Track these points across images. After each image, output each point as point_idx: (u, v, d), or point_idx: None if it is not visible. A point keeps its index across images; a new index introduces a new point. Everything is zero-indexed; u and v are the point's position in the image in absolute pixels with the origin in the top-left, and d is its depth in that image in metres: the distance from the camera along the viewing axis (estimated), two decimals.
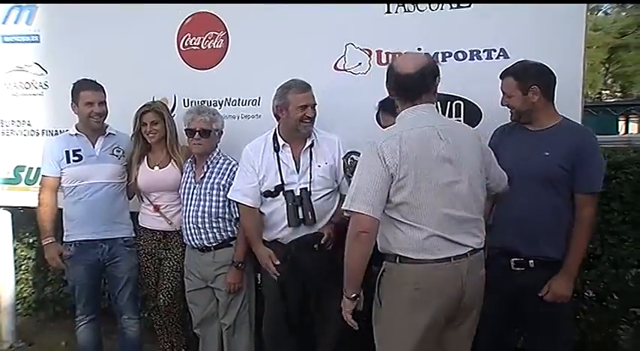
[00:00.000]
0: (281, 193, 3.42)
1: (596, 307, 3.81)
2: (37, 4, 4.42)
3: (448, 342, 2.71)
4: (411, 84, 2.65)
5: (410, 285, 2.58)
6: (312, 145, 3.45)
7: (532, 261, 2.96)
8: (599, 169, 2.92)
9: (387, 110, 3.25)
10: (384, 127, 3.20)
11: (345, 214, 2.56)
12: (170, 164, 3.81)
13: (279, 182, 3.43)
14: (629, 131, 14.27)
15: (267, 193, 3.45)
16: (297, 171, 3.43)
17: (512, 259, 3.00)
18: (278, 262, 3.40)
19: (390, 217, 2.57)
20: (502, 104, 3.06)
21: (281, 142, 3.46)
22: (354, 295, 2.66)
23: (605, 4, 44.23)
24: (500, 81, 3.05)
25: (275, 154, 3.46)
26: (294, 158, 3.45)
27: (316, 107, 3.40)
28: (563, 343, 3.08)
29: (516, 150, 3.01)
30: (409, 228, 2.54)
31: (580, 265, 2.99)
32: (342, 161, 3.43)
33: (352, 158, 3.35)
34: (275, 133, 3.49)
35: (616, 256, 3.69)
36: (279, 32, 3.80)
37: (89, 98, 3.73)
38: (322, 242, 3.34)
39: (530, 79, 2.94)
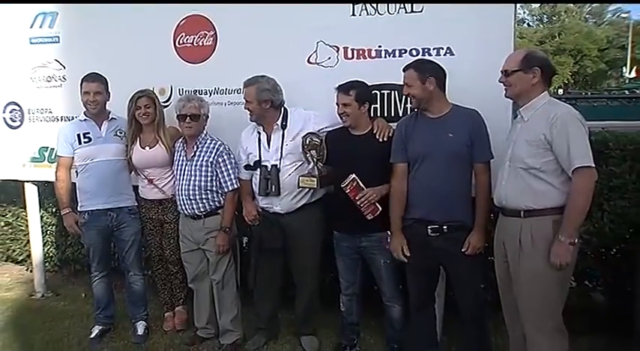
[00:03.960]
0: (258, 167, 3.31)
1: None
2: (59, 11, 4.20)
3: None
4: (553, 69, 2.70)
5: None
6: (282, 127, 3.30)
7: (445, 227, 2.86)
8: (489, 142, 2.87)
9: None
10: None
11: (578, 170, 2.41)
12: (158, 145, 3.58)
13: (257, 158, 3.32)
14: None
15: (248, 167, 3.40)
16: (269, 149, 3.30)
17: (429, 227, 2.88)
18: (255, 213, 3.38)
19: None
20: (404, 93, 2.96)
21: (257, 125, 3.36)
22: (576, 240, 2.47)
23: (529, 18, 44.69)
24: (403, 74, 2.91)
25: (258, 135, 3.34)
26: (267, 138, 3.33)
27: (250, 105, 3.28)
28: (477, 289, 3.04)
29: (425, 135, 2.89)
30: None
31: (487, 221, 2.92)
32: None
33: (311, 138, 3.17)
34: None
35: None
36: (260, 31, 3.57)
37: (85, 88, 3.58)
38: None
39: (427, 71, 2.86)
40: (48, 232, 4.95)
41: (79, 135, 3.57)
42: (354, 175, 3.00)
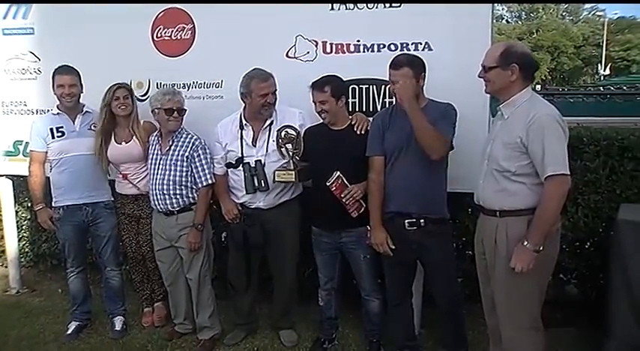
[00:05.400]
0: (241, 165, 3.24)
1: None
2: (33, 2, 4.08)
3: None
4: (534, 65, 2.55)
5: None
6: (271, 123, 3.23)
7: (422, 220, 2.84)
8: (452, 126, 2.80)
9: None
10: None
11: (551, 178, 2.33)
12: (133, 140, 3.52)
13: (240, 155, 3.24)
14: None
15: (229, 165, 3.30)
16: (255, 146, 3.23)
17: (406, 220, 2.86)
18: (236, 212, 3.32)
19: None
20: (391, 91, 2.88)
21: (244, 122, 3.26)
22: (540, 248, 2.38)
23: (507, 14, 45.26)
24: (394, 71, 2.80)
25: (239, 131, 3.26)
26: (253, 135, 3.24)
27: (276, 92, 3.20)
28: (453, 282, 3.06)
29: (401, 128, 2.84)
30: None
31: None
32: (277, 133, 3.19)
33: (286, 131, 3.13)
34: (241, 114, 3.29)
35: None
36: (238, 25, 3.52)
37: (60, 81, 3.48)
38: None
39: (420, 69, 2.82)
40: (23, 227, 4.85)
41: (52, 129, 3.49)
42: (339, 173, 2.96)
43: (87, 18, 3.88)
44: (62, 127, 3.50)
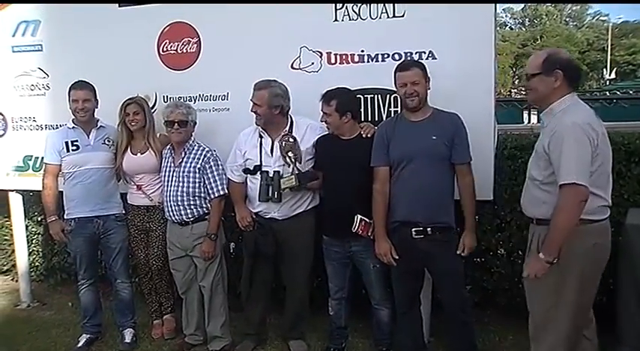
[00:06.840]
0: (258, 172, 3.27)
1: (505, 262, 3.63)
2: (41, 19, 4.14)
3: None
4: (578, 70, 2.51)
5: None
6: (288, 133, 3.25)
7: (430, 229, 2.85)
8: (469, 144, 2.88)
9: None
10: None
11: (563, 187, 2.27)
12: (148, 151, 3.58)
13: (258, 163, 3.27)
14: (532, 121, 14.34)
15: (247, 171, 3.35)
16: (272, 155, 3.26)
17: (413, 229, 2.87)
18: (250, 219, 3.34)
19: None
20: (408, 92, 2.84)
21: (262, 130, 3.31)
22: (554, 259, 2.34)
23: (511, 21, 45.38)
24: (403, 73, 2.87)
25: (259, 139, 3.29)
26: (271, 144, 3.27)
27: (260, 109, 3.21)
28: (461, 290, 3.06)
29: (407, 138, 2.89)
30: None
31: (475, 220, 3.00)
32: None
33: (286, 140, 3.18)
34: None
35: (521, 221, 3.51)
36: (243, 37, 3.58)
37: (74, 96, 3.55)
38: None
39: (426, 71, 2.88)
40: (33, 241, 4.89)
41: (67, 142, 3.55)
42: (359, 216, 3.00)
43: (94, 34, 3.94)
44: (77, 140, 3.56)
